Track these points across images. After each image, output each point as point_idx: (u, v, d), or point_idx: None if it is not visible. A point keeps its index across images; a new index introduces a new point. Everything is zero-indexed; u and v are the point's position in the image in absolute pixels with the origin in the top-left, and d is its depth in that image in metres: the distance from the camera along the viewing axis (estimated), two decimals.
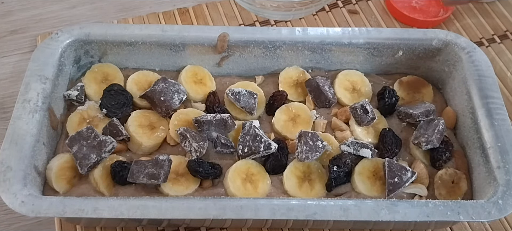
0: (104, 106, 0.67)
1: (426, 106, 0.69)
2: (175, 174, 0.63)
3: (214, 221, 0.65)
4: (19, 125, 0.61)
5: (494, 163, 0.61)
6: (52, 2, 0.91)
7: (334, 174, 0.63)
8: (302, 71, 0.74)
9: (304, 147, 0.63)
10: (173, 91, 0.68)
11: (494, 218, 0.57)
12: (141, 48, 0.72)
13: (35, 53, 0.67)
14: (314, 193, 0.63)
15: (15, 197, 0.55)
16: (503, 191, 0.58)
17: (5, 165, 0.58)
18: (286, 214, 0.56)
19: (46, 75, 0.66)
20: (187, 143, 0.64)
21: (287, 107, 0.70)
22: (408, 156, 0.68)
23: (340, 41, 0.72)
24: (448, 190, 0.64)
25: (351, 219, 0.56)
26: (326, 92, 0.70)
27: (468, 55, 0.70)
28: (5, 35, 0.87)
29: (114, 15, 0.90)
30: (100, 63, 0.73)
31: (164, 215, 0.55)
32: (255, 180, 0.63)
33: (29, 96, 0.63)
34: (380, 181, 0.64)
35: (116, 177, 0.62)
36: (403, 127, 0.70)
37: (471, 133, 0.67)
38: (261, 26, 0.88)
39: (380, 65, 0.75)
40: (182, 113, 0.68)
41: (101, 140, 0.62)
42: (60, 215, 0.55)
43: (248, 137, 0.64)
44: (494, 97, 0.66)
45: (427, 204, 0.57)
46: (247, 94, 0.69)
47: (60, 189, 0.62)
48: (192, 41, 0.71)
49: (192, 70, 0.73)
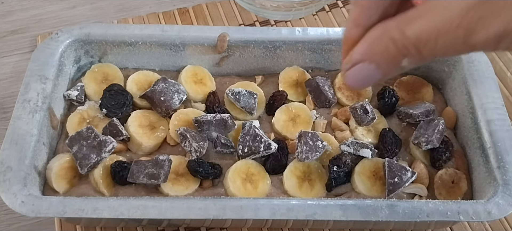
0: (104, 106, 0.67)
1: (426, 106, 0.69)
2: (175, 174, 0.63)
3: (214, 221, 0.65)
4: (19, 125, 0.61)
5: (494, 163, 0.61)
6: (52, 2, 0.91)
7: (334, 174, 0.63)
8: (302, 71, 0.74)
9: (304, 147, 0.63)
10: (173, 91, 0.68)
11: (494, 218, 0.57)
12: (141, 48, 0.72)
13: (35, 53, 0.67)
14: (314, 193, 0.63)
15: (15, 197, 0.55)
16: (503, 191, 0.58)
17: (5, 165, 0.58)
18: (286, 214, 0.56)
19: (46, 75, 0.66)
20: (187, 143, 0.64)
21: (287, 107, 0.70)
22: (408, 156, 0.68)
23: (340, 41, 0.72)
24: (448, 190, 0.64)
25: (351, 219, 0.56)
26: (326, 92, 0.70)
27: (468, 55, 0.70)
28: (5, 35, 0.87)
29: (114, 15, 0.90)
30: (100, 63, 0.73)
31: (164, 215, 0.55)
32: (255, 180, 0.63)
33: (29, 96, 0.63)
34: (380, 181, 0.64)
35: (116, 177, 0.62)
36: (403, 127, 0.70)
37: (471, 133, 0.67)
38: (261, 26, 0.88)
39: None
40: (182, 113, 0.68)
41: (101, 140, 0.62)
42: (60, 215, 0.55)
43: (248, 137, 0.64)
44: (494, 97, 0.66)
45: (427, 204, 0.57)
46: (247, 94, 0.69)
47: (60, 189, 0.62)
48: (192, 41, 0.71)
49: (192, 70, 0.73)
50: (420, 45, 0.29)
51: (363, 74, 0.31)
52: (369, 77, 0.31)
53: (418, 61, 0.30)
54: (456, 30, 0.27)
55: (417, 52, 0.29)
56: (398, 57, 0.29)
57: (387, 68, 0.31)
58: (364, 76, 0.31)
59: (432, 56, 0.30)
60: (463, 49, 0.28)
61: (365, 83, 0.32)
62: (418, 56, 0.29)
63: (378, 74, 0.31)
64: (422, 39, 0.28)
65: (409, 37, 0.29)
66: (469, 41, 0.27)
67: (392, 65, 0.30)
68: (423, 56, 0.30)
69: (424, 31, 0.28)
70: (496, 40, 0.27)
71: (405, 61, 0.30)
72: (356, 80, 0.32)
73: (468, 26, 0.27)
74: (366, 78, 0.31)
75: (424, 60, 0.30)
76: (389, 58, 0.30)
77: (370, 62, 0.31)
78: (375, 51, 0.30)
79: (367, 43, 0.31)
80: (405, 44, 0.29)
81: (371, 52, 0.30)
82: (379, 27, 0.30)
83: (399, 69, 0.31)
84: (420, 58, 0.30)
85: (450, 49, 0.28)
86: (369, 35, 0.31)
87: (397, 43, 0.29)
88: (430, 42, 0.28)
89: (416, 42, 0.29)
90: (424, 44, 0.29)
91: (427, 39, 0.28)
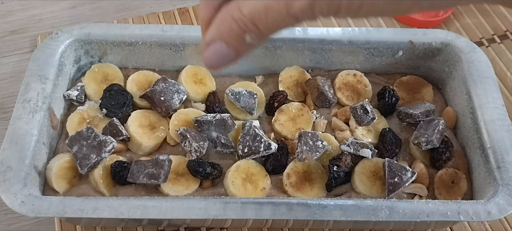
0: (104, 106, 0.67)
1: (426, 106, 0.69)
2: (175, 174, 0.63)
3: (214, 221, 0.65)
4: (19, 125, 0.61)
5: (494, 163, 0.61)
6: (52, 2, 0.91)
7: (334, 174, 0.63)
8: (302, 71, 0.74)
9: (304, 147, 0.63)
10: (173, 91, 0.68)
11: (494, 218, 0.57)
12: (141, 48, 0.72)
13: (35, 53, 0.67)
14: (314, 193, 0.63)
15: (15, 197, 0.55)
16: (503, 191, 0.58)
17: (5, 165, 0.58)
18: (286, 214, 0.56)
19: (46, 75, 0.66)
20: (187, 143, 0.64)
21: (287, 107, 0.70)
22: (408, 156, 0.68)
23: (340, 41, 0.72)
24: (448, 190, 0.64)
25: (351, 219, 0.56)
26: (326, 92, 0.70)
27: (468, 55, 0.70)
28: (5, 35, 0.87)
29: (114, 15, 0.90)
30: (100, 63, 0.73)
31: (164, 215, 0.55)
32: (255, 180, 0.63)
33: (29, 96, 0.63)
34: (380, 181, 0.64)
35: (116, 177, 0.62)
36: (403, 127, 0.71)
37: (471, 133, 0.67)
38: None
39: (380, 65, 0.75)
40: (182, 113, 0.68)
41: (101, 140, 0.62)
42: (60, 215, 0.55)
43: (248, 137, 0.64)
44: (494, 97, 0.66)
45: (427, 204, 0.57)
46: (247, 94, 0.69)
47: (60, 189, 0.62)
48: (192, 41, 0.71)
49: (192, 70, 0.73)
50: (255, 21, 0.32)
51: (218, 53, 0.34)
52: (223, 56, 0.34)
53: (259, 36, 0.33)
54: (278, 4, 0.32)
55: (255, 28, 0.33)
56: (241, 34, 0.33)
57: (236, 45, 0.34)
58: (218, 55, 0.34)
59: (268, 30, 0.33)
60: (290, 20, 0.32)
61: (221, 62, 0.35)
62: (257, 31, 0.33)
63: (230, 52, 0.34)
64: (255, 15, 0.32)
65: (246, 15, 0.32)
66: (290, 12, 0.32)
67: (238, 42, 0.34)
68: (261, 31, 0.33)
69: (256, 8, 0.32)
70: (309, 6, 0.31)
71: (248, 37, 0.33)
72: (212, 59, 0.35)
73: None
74: (220, 57, 0.35)
75: (263, 35, 0.33)
76: (234, 35, 0.33)
77: (220, 41, 0.34)
78: (222, 30, 0.34)
79: (216, 24, 0.34)
80: (244, 21, 0.32)
81: (220, 31, 0.34)
82: (224, 8, 0.34)
83: (246, 46, 0.34)
84: (259, 33, 0.33)
85: (279, 21, 0.32)
86: (218, 16, 0.34)
87: (238, 21, 0.33)
88: (261, 18, 0.32)
89: (251, 18, 0.32)
90: (258, 19, 0.32)
91: (259, 15, 0.32)
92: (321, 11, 0.32)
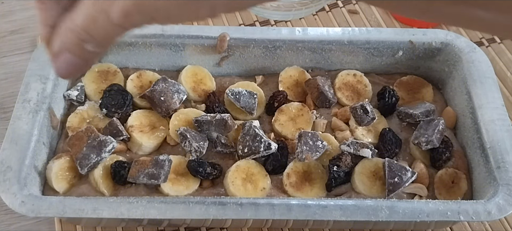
0: (104, 106, 0.67)
1: (426, 106, 0.69)
2: (175, 174, 0.63)
3: (214, 221, 0.65)
4: (19, 125, 0.61)
5: (494, 163, 0.61)
6: None
7: (334, 174, 0.63)
8: (302, 71, 0.74)
9: (304, 147, 0.63)
10: (173, 91, 0.68)
11: (494, 218, 0.57)
12: (141, 48, 0.72)
13: (35, 53, 0.68)
14: (314, 193, 0.63)
15: (15, 197, 0.55)
16: (503, 191, 0.58)
17: (5, 165, 0.58)
18: (286, 214, 0.56)
19: (46, 75, 0.66)
20: (187, 143, 0.64)
21: (287, 107, 0.70)
22: (408, 156, 0.68)
23: (340, 41, 0.72)
24: (448, 190, 0.64)
25: (351, 219, 0.56)
26: (326, 92, 0.70)
27: (468, 55, 0.70)
28: (5, 35, 0.87)
29: None
30: (100, 63, 0.73)
31: (164, 215, 0.55)
32: (255, 180, 0.63)
33: (29, 96, 0.63)
34: (380, 181, 0.64)
35: (116, 177, 0.62)
36: (403, 127, 0.70)
37: (471, 133, 0.67)
38: (261, 26, 0.88)
39: (380, 65, 0.75)
40: (182, 113, 0.68)
41: (101, 140, 0.62)
42: (60, 215, 0.55)
43: (248, 137, 0.64)
44: (494, 97, 0.66)
45: (427, 204, 0.57)
46: (247, 94, 0.69)
47: (60, 189, 0.62)
48: (192, 41, 0.71)
49: (192, 70, 0.73)
50: (88, 31, 0.33)
51: (67, 63, 0.35)
52: (73, 65, 0.35)
53: (97, 44, 0.33)
54: (100, 13, 0.32)
55: (90, 37, 0.33)
56: (79, 43, 0.33)
57: (80, 54, 0.34)
58: (68, 65, 0.35)
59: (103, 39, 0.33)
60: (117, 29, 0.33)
61: (73, 71, 0.36)
62: (93, 40, 0.33)
63: (78, 61, 0.35)
64: (86, 26, 0.32)
65: (78, 26, 0.33)
66: (113, 21, 0.32)
67: (81, 51, 0.34)
68: (96, 39, 0.33)
69: (84, 18, 0.32)
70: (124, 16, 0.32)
71: (88, 45, 0.33)
72: (63, 70, 0.35)
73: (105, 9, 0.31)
74: (70, 66, 0.35)
75: (101, 43, 0.34)
76: (74, 45, 0.34)
77: (65, 52, 0.35)
78: (64, 42, 0.34)
79: (58, 38, 0.35)
80: (78, 31, 0.33)
81: (62, 44, 0.34)
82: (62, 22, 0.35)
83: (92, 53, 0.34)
84: (95, 41, 0.33)
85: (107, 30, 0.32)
86: (57, 31, 0.35)
87: (74, 32, 0.33)
88: (90, 27, 0.32)
89: (84, 29, 0.33)
90: (90, 29, 0.32)
91: (88, 26, 0.32)
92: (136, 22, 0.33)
